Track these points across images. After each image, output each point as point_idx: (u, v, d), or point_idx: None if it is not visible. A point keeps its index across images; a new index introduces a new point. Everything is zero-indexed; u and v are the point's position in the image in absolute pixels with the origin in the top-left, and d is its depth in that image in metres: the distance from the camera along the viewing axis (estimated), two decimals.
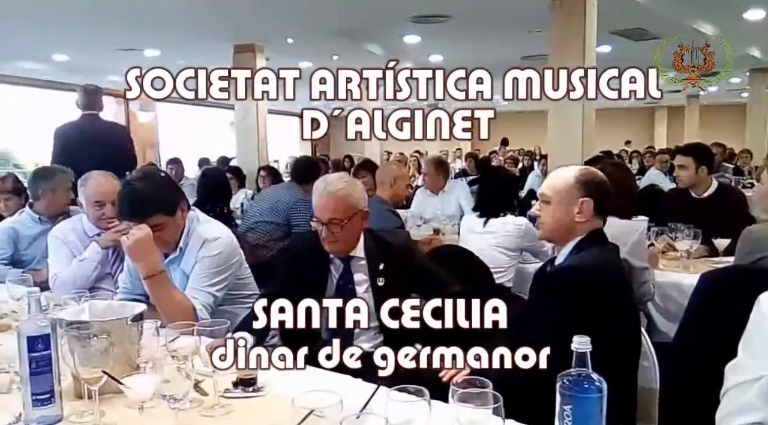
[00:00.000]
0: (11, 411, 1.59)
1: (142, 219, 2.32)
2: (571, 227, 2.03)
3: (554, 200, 2.05)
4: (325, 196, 2.30)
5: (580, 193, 2.02)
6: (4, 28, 7.84)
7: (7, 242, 3.21)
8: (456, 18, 7.53)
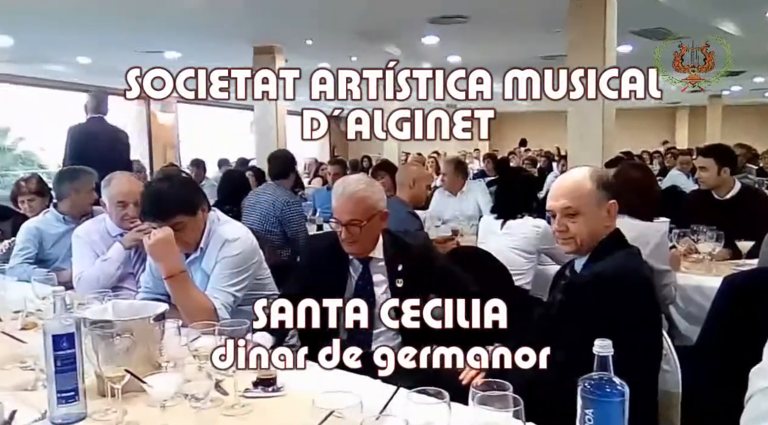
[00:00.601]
0: (37, 408, 1.62)
1: (164, 219, 2.35)
2: (600, 233, 1.98)
3: (584, 210, 1.96)
4: (344, 198, 2.31)
5: (605, 196, 1.97)
6: (31, 32, 7.97)
7: (32, 241, 3.26)
8: (474, 19, 7.51)
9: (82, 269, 2.89)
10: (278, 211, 4.35)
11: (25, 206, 3.92)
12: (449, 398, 1.23)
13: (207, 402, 1.56)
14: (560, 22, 6.65)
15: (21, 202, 3.96)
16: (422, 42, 9.05)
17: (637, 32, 8.21)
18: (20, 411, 1.59)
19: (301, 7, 7.00)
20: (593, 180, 1.98)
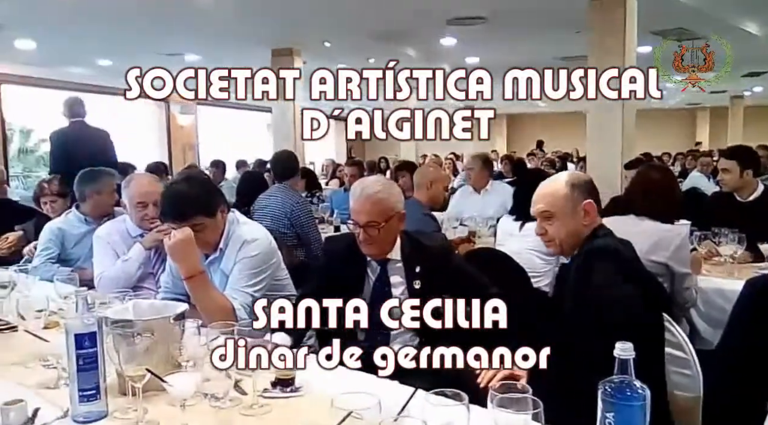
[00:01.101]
0: (59, 406, 1.64)
1: (184, 221, 2.37)
2: (581, 233, 2.06)
3: (558, 213, 2.06)
4: (362, 199, 2.31)
5: (579, 197, 2.04)
6: (53, 36, 8.08)
7: (54, 241, 3.30)
8: (492, 20, 7.49)
9: (103, 269, 2.92)
10: (288, 212, 4.36)
11: (47, 207, 3.98)
12: (468, 400, 1.23)
13: (226, 402, 1.58)
14: (580, 23, 6.61)
15: (44, 203, 4.02)
16: (440, 43, 9.04)
17: (658, 32, 8.13)
18: (43, 409, 1.61)
19: (320, 10, 7.02)
20: (567, 183, 2.07)
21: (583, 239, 2.05)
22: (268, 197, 4.52)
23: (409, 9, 7.06)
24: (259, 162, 10.25)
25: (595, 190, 2.11)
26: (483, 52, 9.69)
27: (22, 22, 7.23)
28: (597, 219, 2.07)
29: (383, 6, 6.92)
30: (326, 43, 8.96)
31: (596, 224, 2.07)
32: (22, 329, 2.10)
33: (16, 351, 2.05)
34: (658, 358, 1.90)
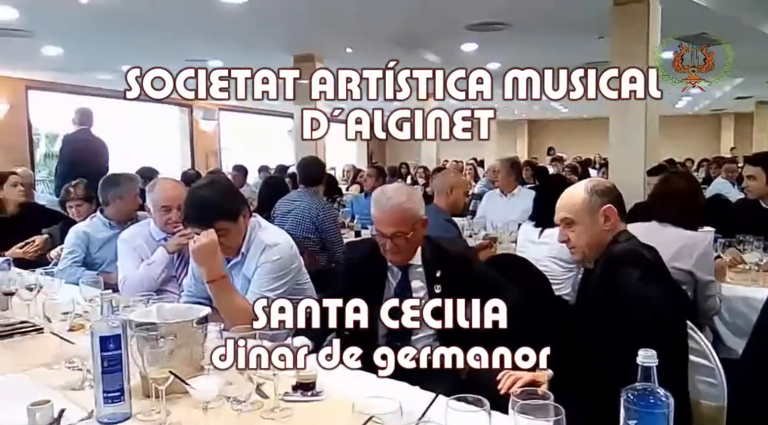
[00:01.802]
0: (84, 407, 1.66)
1: (207, 225, 2.39)
2: (603, 239, 2.05)
3: (578, 219, 2.06)
4: (387, 210, 2.31)
5: (599, 202, 2.04)
6: (79, 43, 8.21)
7: (79, 245, 3.35)
8: (514, 26, 7.47)
9: (127, 272, 2.96)
10: (314, 217, 4.37)
11: (72, 210, 4.04)
12: (489, 406, 1.22)
13: (248, 405, 1.59)
14: (602, 28, 6.57)
15: (69, 207, 4.08)
16: (461, 49, 9.04)
17: (681, 38, 8.05)
18: (68, 410, 1.63)
19: (341, 16, 7.06)
20: (586, 190, 2.07)
21: (606, 245, 2.04)
22: (292, 201, 4.54)
23: (431, 15, 7.07)
24: (281, 167, 10.32)
25: (618, 195, 2.10)
26: (504, 57, 9.66)
27: (50, 29, 7.37)
28: (619, 224, 2.06)
29: (405, 12, 6.94)
30: (348, 49, 9.00)
31: (619, 230, 2.05)
32: (49, 331, 2.13)
33: (42, 353, 2.08)
34: (682, 366, 1.88)
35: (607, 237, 2.04)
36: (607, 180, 2.14)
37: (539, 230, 3.71)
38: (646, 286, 1.86)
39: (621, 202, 2.09)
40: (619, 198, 2.09)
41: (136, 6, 6.39)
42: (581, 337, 1.99)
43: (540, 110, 19.52)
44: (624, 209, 2.10)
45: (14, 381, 1.86)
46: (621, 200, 2.10)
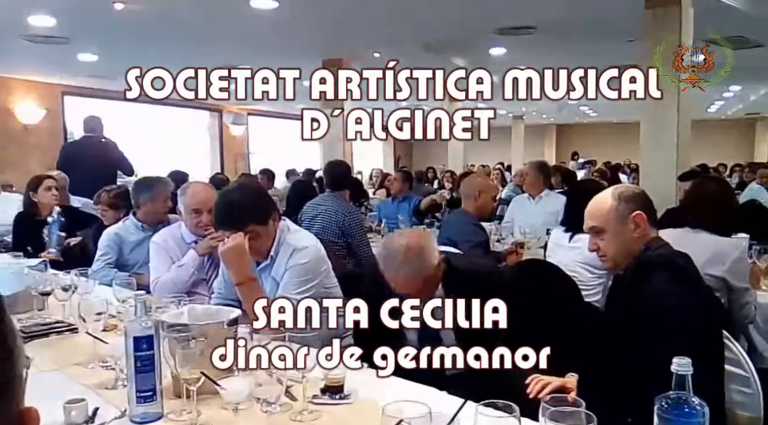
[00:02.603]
0: (117, 406, 1.69)
1: (237, 228, 2.42)
2: (634, 246, 2.01)
3: (607, 227, 2.03)
4: (401, 278, 2.26)
5: (627, 209, 2.00)
6: (113, 50, 8.36)
7: (112, 247, 3.41)
8: (543, 29, 7.42)
9: (159, 274, 3.00)
10: (340, 221, 4.38)
11: (100, 214, 4.14)
12: (519, 412, 1.22)
13: (277, 407, 1.60)
14: (633, 31, 6.49)
15: (97, 211, 4.18)
16: (489, 53, 9.01)
17: (714, 41, 7.92)
18: (102, 408, 1.67)
19: (370, 21, 7.09)
20: (614, 196, 2.03)
21: (638, 252, 2.01)
22: (318, 205, 4.56)
23: (459, 19, 7.05)
24: (308, 171, 10.38)
25: (647, 201, 2.06)
26: (533, 61, 9.60)
27: (86, 36, 7.52)
28: (650, 231, 2.02)
29: (434, 17, 6.94)
30: (375, 54, 9.02)
31: (650, 237, 2.02)
32: (83, 330, 2.17)
33: (77, 352, 2.13)
34: (717, 374, 1.85)
35: (638, 244, 2.00)
36: (635, 186, 2.11)
37: (570, 234, 3.68)
38: (675, 292, 1.83)
39: (651, 208, 2.06)
40: (649, 204, 2.06)
41: (168, 12, 6.50)
42: (611, 344, 1.97)
43: (568, 114, 19.35)
44: (655, 215, 2.07)
45: (50, 379, 1.90)
46: (651, 206, 2.06)
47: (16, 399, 0.68)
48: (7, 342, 0.68)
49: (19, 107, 10.28)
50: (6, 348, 0.68)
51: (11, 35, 7.12)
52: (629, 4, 5.91)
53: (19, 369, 0.69)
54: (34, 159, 9.87)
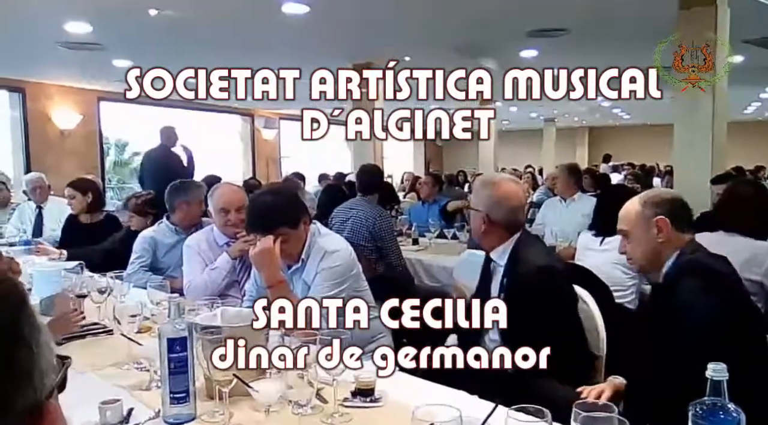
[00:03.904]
0: (151, 407, 1.72)
1: (268, 231, 2.45)
2: (658, 250, 2.00)
3: (633, 231, 2.05)
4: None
5: (650, 213, 2.00)
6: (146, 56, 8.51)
7: (147, 250, 3.47)
8: (575, 31, 7.35)
9: (192, 277, 3.05)
10: (370, 226, 4.39)
11: (128, 220, 4.22)
12: (551, 417, 1.21)
13: (308, 409, 1.61)
14: (666, 32, 6.39)
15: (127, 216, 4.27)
16: (520, 56, 8.95)
17: (751, 41, 7.76)
18: (136, 409, 1.70)
19: (401, 24, 7.10)
20: (640, 201, 2.05)
21: (669, 256, 1.98)
22: (349, 209, 4.57)
23: (491, 22, 7.03)
24: (339, 175, 10.43)
25: (676, 207, 2.03)
26: (564, 63, 9.51)
27: (120, 42, 7.66)
28: (679, 236, 1.99)
29: (465, 20, 6.92)
30: (406, 58, 9.03)
31: (684, 241, 1.99)
32: (118, 332, 2.21)
33: (112, 353, 2.17)
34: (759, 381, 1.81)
35: (666, 249, 1.99)
36: (667, 191, 2.10)
37: (600, 239, 3.64)
38: (703, 300, 1.81)
39: (680, 213, 2.02)
40: (678, 209, 2.03)
41: (200, 18, 6.60)
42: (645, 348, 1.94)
43: (601, 117, 19.12)
44: (685, 221, 2.03)
45: (86, 380, 1.94)
46: (680, 211, 2.03)
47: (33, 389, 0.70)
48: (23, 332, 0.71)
49: (55, 112, 10.52)
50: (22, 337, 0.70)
51: (48, 42, 7.29)
52: (663, 5, 5.82)
53: (40, 363, 0.71)
54: (70, 164, 10.08)
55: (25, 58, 8.42)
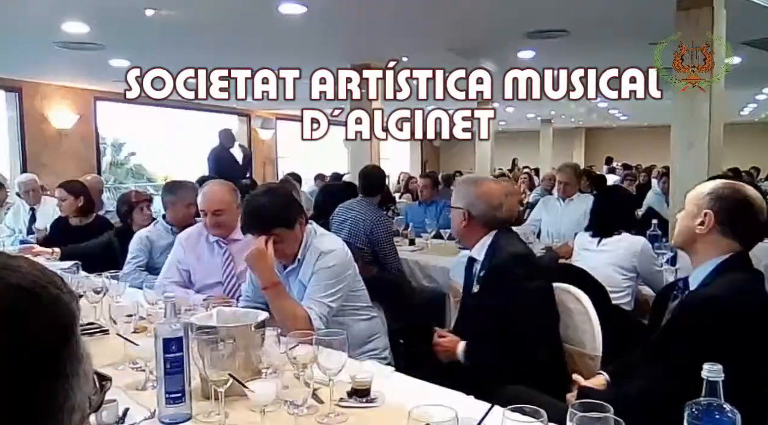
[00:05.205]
0: (146, 407, 1.71)
1: (264, 231, 2.44)
2: (693, 238, 1.96)
3: (686, 207, 2.02)
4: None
5: (707, 205, 1.93)
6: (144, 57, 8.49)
7: (143, 250, 3.47)
8: (574, 32, 7.36)
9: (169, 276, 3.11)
10: (367, 229, 4.35)
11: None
12: (546, 417, 1.21)
13: (304, 410, 1.61)
14: (664, 34, 6.40)
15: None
16: (518, 56, 8.96)
17: (748, 43, 7.78)
18: (132, 409, 1.69)
19: (399, 25, 7.10)
20: (710, 189, 1.98)
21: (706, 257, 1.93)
22: (349, 210, 4.53)
23: (489, 23, 7.04)
24: (335, 176, 10.43)
25: (740, 214, 1.91)
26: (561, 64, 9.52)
27: (117, 42, 7.65)
28: (726, 243, 1.90)
29: (463, 21, 6.93)
30: (404, 58, 9.04)
31: (729, 250, 1.90)
32: (114, 332, 2.20)
33: (108, 354, 2.16)
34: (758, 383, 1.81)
35: (701, 243, 1.93)
36: (746, 192, 1.95)
37: (597, 239, 3.64)
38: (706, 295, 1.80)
39: (732, 219, 1.90)
40: (734, 215, 1.91)
41: (197, 18, 6.58)
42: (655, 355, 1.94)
43: (598, 118, 19.14)
44: (735, 229, 1.91)
45: None
46: (735, 218, 1.91)
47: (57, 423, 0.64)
48: (64, 369, 0.66)
49: (52, 112, 10.49)
50: (62, 374, 0.66)
51: (45, 42, 7.28)
52: (660, 6, 5.84)
53: (73, 399, 0.66)
54: (67, 164, 10.06)
55: (21, 57, 8.40)
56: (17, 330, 0.63)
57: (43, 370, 0.64)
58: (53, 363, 0.65)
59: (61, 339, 0.67)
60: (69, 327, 0.69)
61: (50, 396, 0.64)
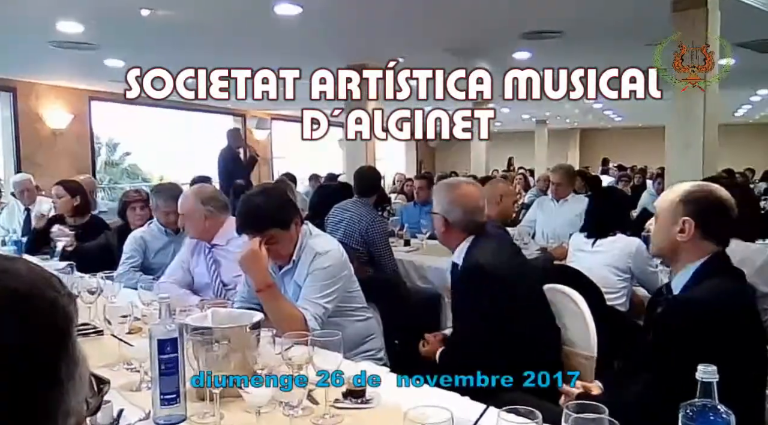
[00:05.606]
0: (141, 408, 1.71)
1: (259, 232, 2.44)
2: (675, 247, 1.94)
3: (660, 216, 1.99)
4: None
5: (683, 212, 1.91)
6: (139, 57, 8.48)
7: (137, 251, 3.46)
8: (569, 33, 7.38)
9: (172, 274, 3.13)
10: (363, 230, 4.34)
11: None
12: (541, 418, 1.21)
13: (299, 410, 1.61)
14: (658, 36, 6.43)
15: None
16: (514, 57, 8.98)
17: (742, 44, 7.81)
18: (126, 410, 1.68)
19: (394, 26, 7.11)
20: (682, 194, 1.95)
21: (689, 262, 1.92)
22: (345, 210, 4.51)
23: (485, 24, 7.05)
24: (330, 176, 10.42)
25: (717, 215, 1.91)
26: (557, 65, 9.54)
27: (113, 42, 7.63)
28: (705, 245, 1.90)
29: (459, 22, 6.94)
30: (400, 59, 9.05)
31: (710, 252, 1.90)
32: (109, 333, 2.20)
33: (102, 354, 2.15)
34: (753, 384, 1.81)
35: (684, 250, 1.92)
36: (716, 193, 1.94)
37: (591, 240, 3.65)
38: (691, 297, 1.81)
39: (712, 222, 1.90)
40: (713, 216, 1.91)
41: (193, 19, 6.58)
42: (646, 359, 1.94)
43: (593, 119, 19.18)
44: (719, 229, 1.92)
45: None
46: (713, 220, 1.90)
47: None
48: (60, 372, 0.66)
49: (47, 112, 10.46)
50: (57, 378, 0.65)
51: (40, 41, 7.26)
52: (656, 8, 5.86)
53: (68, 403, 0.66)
54: (62, 163, 10.03)
55: (16, 57, 8.37)
56: (13, 334, 0.63)
57: (39, 374, 0.64)
58: (50, 366, 0.65)
59: (58, 343, 0.67)
60: (66, 331, 0.69)
61: (46, 400, 0.64)
